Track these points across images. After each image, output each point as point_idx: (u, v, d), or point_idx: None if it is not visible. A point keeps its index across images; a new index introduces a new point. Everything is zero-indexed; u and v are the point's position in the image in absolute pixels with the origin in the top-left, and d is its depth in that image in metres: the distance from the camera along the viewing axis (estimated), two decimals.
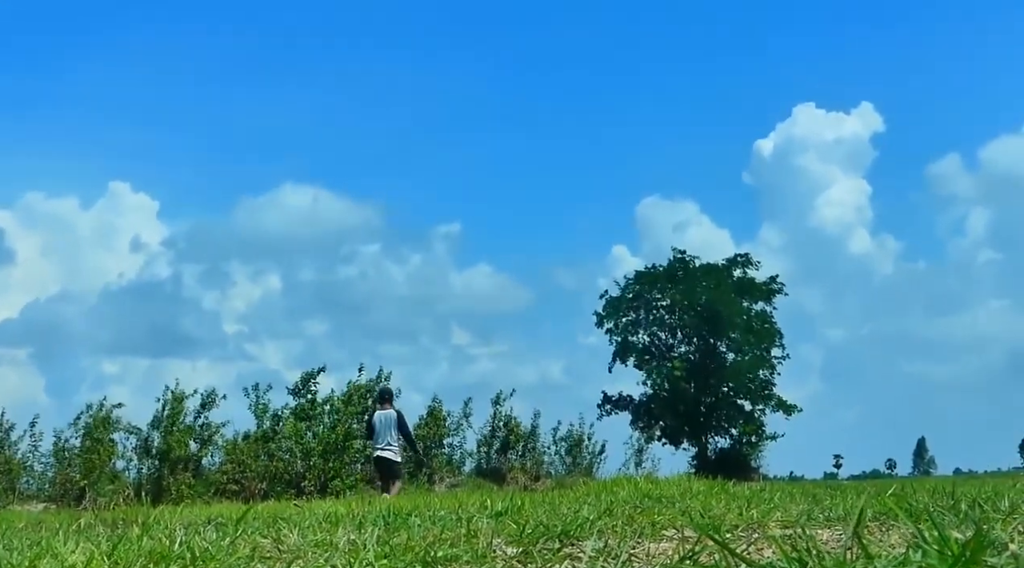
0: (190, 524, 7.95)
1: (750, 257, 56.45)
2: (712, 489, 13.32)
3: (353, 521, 6.90)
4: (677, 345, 55.94)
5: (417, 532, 5.64)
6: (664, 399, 53.68)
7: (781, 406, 53.28)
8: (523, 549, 4.85)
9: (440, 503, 11.07)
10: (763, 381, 53.77)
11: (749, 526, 5.67)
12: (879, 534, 4.80)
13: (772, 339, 54.40)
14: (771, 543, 4.30)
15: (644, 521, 6.09)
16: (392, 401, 22.36)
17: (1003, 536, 2.65)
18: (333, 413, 33.17)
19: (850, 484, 22.55)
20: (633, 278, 56.58)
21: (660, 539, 5.28)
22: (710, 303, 53.18)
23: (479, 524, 5.99)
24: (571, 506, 8.17)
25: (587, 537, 5.09)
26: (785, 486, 17.61)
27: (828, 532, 5.10)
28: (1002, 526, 3.19)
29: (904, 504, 5.53)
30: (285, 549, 5.28)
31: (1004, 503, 5.51)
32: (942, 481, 16.46)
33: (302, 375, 33.89)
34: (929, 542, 2.47)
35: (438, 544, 4.93)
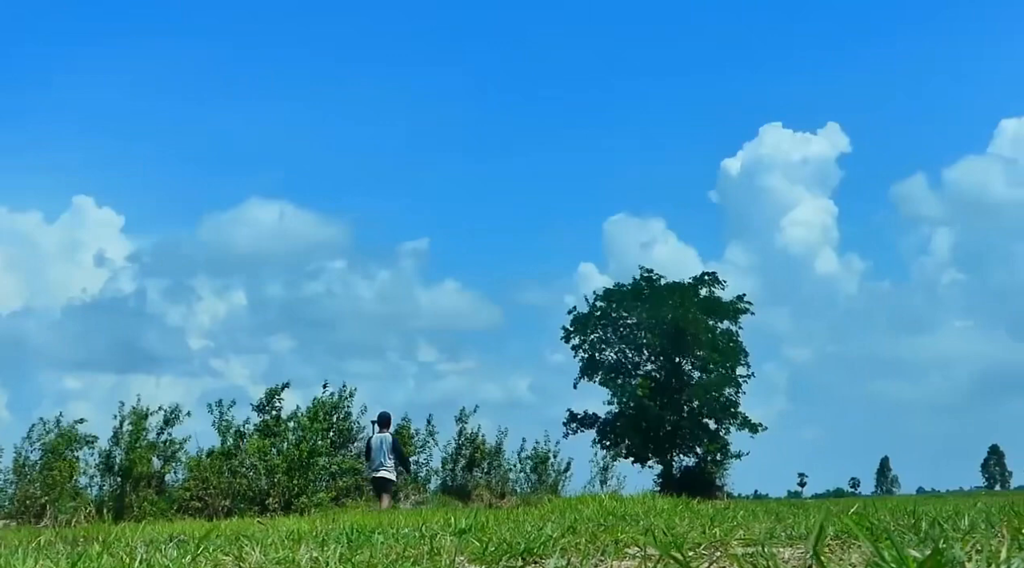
0: (152, 541, 7.89)
1: (716, 276, 56.65)
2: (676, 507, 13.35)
3: (316, 539, 6.87)
4: (643, 363, 56.02)
5: (380, 550, 5.63)
6: (629, 417, 53.69)
7: (746, 425, 53.40)
8: (486, 567, 4.85)
9: (404, 520, 11.04)
10: (728, 400, 53.88)
11: (712, 544, 5.68)
12: (840, 553, 4.83)
13: (737, 358, 54.54)
14: (733, 561, 4.32)
15: (607, 539, 6.09)
16: (390, 426, 23.73)
17: (961, 555, 2.67)
18: (298, 430, 32.97)
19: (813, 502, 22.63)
20: (600, 295, 56.65)
21: (623, 557, 5.28)
22: (676, 321, 53.27)
23: (442, 542, 5.98)
24: (535, 524, 8.16)
25: (550, 555, 5.10)
26: (749, 504, 17.69)
27: (790, 550, 5.12)
28: (960, 545, 3.22)
29: (865, 523, 5.57)
30: (247, 567, 5.25)
31: (964, 522, 5.55)
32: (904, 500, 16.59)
33: (267, 391, 33.69)
34: (887, 561, 2.49)
35: (401, 562, 4.93)
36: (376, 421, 23.93)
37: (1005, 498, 10.35)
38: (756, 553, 4.38)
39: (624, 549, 5.57)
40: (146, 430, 31.91)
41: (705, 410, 53.93)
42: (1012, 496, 12.43)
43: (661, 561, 4.12)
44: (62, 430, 31.47)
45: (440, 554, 5.26)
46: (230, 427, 32.62)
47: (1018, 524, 4.71)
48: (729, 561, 4.47)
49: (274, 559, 5.34)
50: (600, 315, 55.99)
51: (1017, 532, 4.12)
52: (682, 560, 3.25)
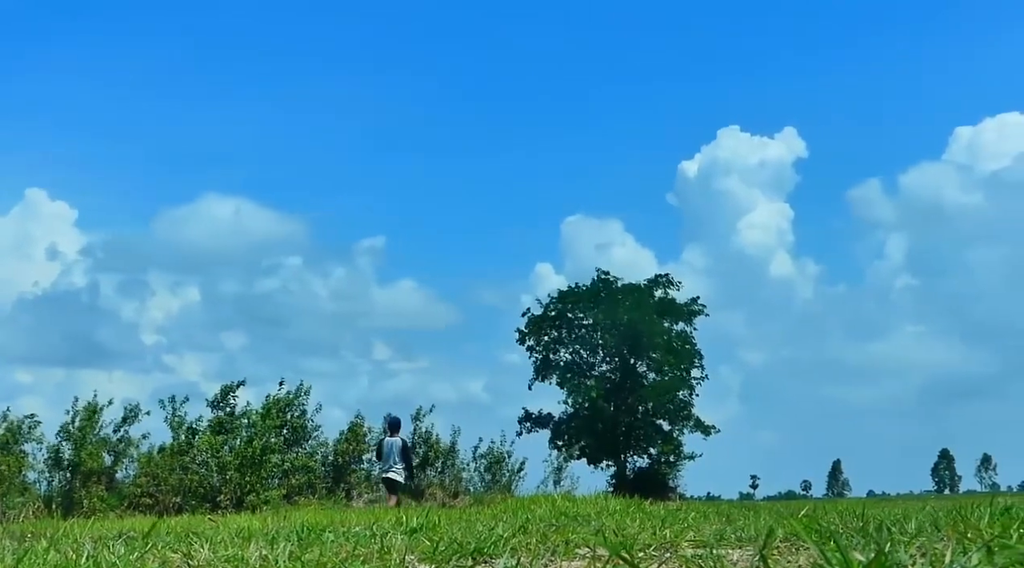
0: (100, 538, 7.83)
1: (671, 278, 56.86)
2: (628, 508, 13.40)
3: (266, 537, 6.83)
4: (598, 364, 56.12)
5: (330, 548, 5.60)
6: (584, 417, 53.77)
7: (699, 426, 53.62)
8: (436, 566, 4.84)
9: (356, 519, 11.00)
10: (682, 401, 54.07)
11: (662, 545, 5.70)
12: (788, 555, 4.85)
13: (692, 360, 54.76)
14: (682, 563, 4.34)
15: (558, 539, 6.09)
16: (399, 430, 24.76)
17: (905, 558, 2.69)
18: (251, 427, 32.79)
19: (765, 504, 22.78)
20: (556, 297, 56.69)
21: (573, 557, 5.29)
22: (631, 323, 53.40)
23: (393, 541, 5.96)
24: (487, 523, 8.15)
25: (500, 555, 5.10)
26: (701, 506, 17.76)
27: (739, 552, 5.14)
28: (905, 548, 3.24)
29: (813, 526, 5.60)
30: (195, 564, 5.21)
31: (911, 525, 5.59)
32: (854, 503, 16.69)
33: (221, 388, 33.52)
34: (832, 564, 2.51)
35: (350, 560, 4.91)
36: (387, 425, 25.20)
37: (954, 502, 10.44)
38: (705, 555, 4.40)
39: (574, 549, 5.57)
40: (99, 426, 31.64)
41: (659, 411, 54.10)
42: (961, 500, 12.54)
43: (610, 562, 4.13)
44: (10, 424, 31.14)
45: (390, 553, 5.24)
46: (182, 424, 32.40)
47: (963, 528, 4.75)
48: (678, 562, 4.49)
49: (223, 557, 5.30)
50: (555, 316, 56.03)
51: (962, 536, 4.15)
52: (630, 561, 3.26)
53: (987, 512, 5.87)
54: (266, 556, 5.15)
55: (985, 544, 2.53)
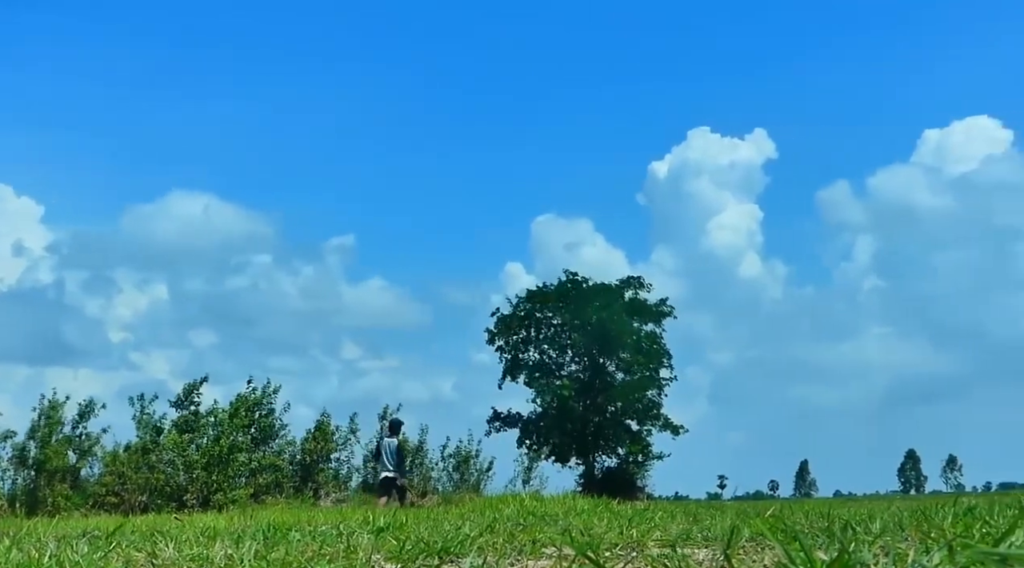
0: (64, 537, 7.77)
1: (642, 279, 56.90)
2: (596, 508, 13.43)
3: (232, 536, 6.80)
4: (567, 363, 56.09)
5: (296, 547, 5.58)
6: (553, 417, 53.74)
7: (668, 426, 53.67)
8: (402, 566, 4.83)
9: (323, 518, 10.98)
10: (651, 401, 54.11)
11: (628, 545, 5.71)
12: (754, 555, 4.87)
13: (661, 360, 54.81)
14: (648, 562, 4.35)
15: (525, 539, 6.10)
16: (398, 432, 25.55)
17: (868, 558, 2.70)
18: (217, 425, 32.63)
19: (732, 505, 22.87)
20: (524, 297, 56.68)
21: (539, 557, 5.29)
22: (601, 323, 53.42)
23: (359, 540, 5.95)
24: (454, 523, 8.15)
25: (467, 554, 5.09)
26: (668, 506, 17.81)
27: (705, 552, 5.16)
28: (869, 548, 3.26)
29: (779, 525, 5.63)
30: (160, 563, 5.19)
31: (876, 525, 5.63)
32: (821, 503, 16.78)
33: (185, 386, 33.31)
34: (796, 563, 2.52)
35: (316, 559, 4.89)
36: (388, 426, 25.92)
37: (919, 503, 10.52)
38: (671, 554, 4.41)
39: (541, 549, 5.58)
40: (61, 424, 31.40)
41: (628, 411, 54.15)
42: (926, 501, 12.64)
43: (576, 561, 4.13)
44: None
45: (356, 552, 5.23)
46: (149, 422, 32.21)
47: (927, 528, 4.78)
48: (644, 562, 4.50)
49: (188, 556, 5.27)
50: (524, 316, 56.02)
51: (926, 536, 4.18)
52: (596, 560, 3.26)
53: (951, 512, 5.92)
54: (231, 555, 5.13)
55: (947, 543, 2.55)
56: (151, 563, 5.21)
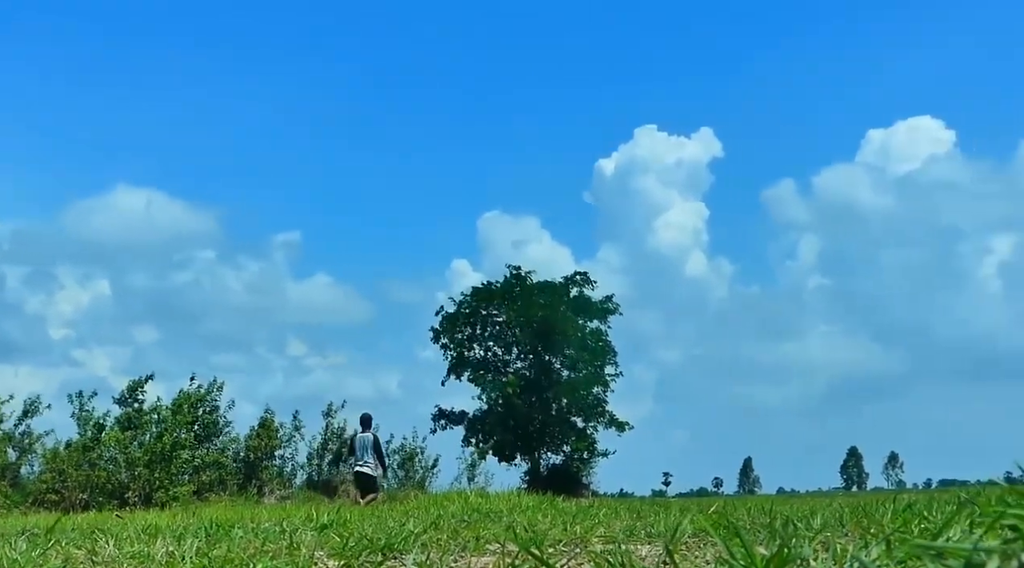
0: (2, 535, 7.68)
1: (587, 276, 57.01)
2: (541, 504, 13.47)
3: (174, 533, 6.75)
4: (513, 361, 56.16)
5: (238, 544, 5.55)
6: (498, 414, 53.78)
7: (613, 423, 53.86)
8: (345, 562, 4.82)
9: (267, 515, 10.92)
10: (596, 398, 54.28)
11: (572, 541, 5.73)
12: (697, 551, 4.91)
13: (606, 357, 55.00)
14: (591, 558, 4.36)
15: (469, 535, 6.11)
16: (371, 426, 25.55)
17: (808, 552, 2.73)
18: (160, 422, 32.34)
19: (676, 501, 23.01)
20: (470, 294, 56.64)
21: (483, 553, 5.30)
22: (546, 320, 53.52)
23: (303, 537, 5.92)
24: (399, 520, 8.14)
25: (410, 551, 5.08)
26: (613, 502, 17.90)
27: (648, 548, 5.18)
28: (809, 543, 3.29)
29: (722, 521, 5.67)
30: (100, 561, 5.13)
31: (817, 521, 5.69)
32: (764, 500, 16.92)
33: (129, 383, 32.96)
34: (737, 559, 2.53)
35: (259, 556, 4.87)
36: (360, 421, 25.85)
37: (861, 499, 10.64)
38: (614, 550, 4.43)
39: (485, 545, 5.58)
40: (1, 421, 31.01)
41: (573, 408, 54.29)
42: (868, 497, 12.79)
43: (520, 557, 4.14)
44: None
45: (299, 549, 5.21)
46: (90, 419, 31.85)
47: (867, 524, 4.84)
48: (587, 558, 4.51)
49: (128, 553, 5.22)
50: (469, 314, 55.99)
51: (865, 531, 4.23)
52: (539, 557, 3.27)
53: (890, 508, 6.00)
54: (173, 552, 5.09)
55: (885, 538, 2.58)
56: (91, 560, 5.16)
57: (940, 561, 1.87)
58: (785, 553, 2.47)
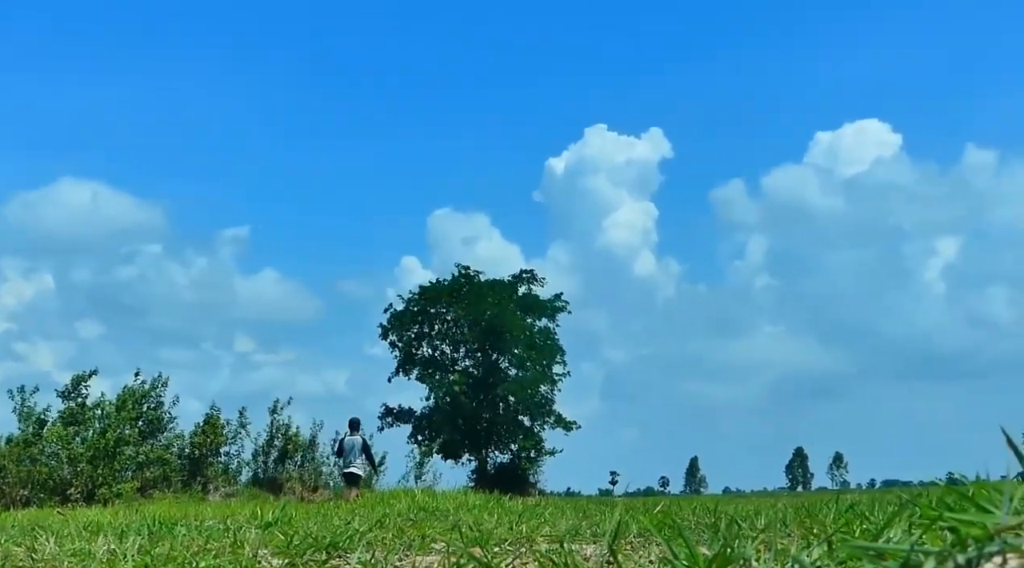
0: None
1: (535, 274, 57.14)
2: (488, 503, 13.44)
3: (116, 530, 6.69)
4: (461, 359, 56.18)
5: (181, 542, 5.51)
6: (445, 412, 53.77)
7: (560, 422, 53.98)
8: (289, 561, 4.79)
9: (211, 512, 10.85)
10: (544, 397, 54.39)
11: (517, 540, 5.73)
12: (642, 550, 4.92)
13: (554, 356, 55.11)
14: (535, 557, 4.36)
15: (415, 534, 6.10)
16: (359, 429, 27.18)
17: (751, 552, 2.74)
18: (104, 418, 32.03)
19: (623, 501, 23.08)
20: (418, 292, 56.56)
21: (428, 552, 5.29)
22: (494, 318, 53.56)
23: (247, 535, 5.89)
24: (344, 518, 8.11)
25: (355, 549, 5.06)
26: (559, 501, 17.93)
27: (593, 547, 5.19)
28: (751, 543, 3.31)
29: (667, 521, 5.69)
30: (39, 559, 5.08)
31: (760, 521, 5.72)
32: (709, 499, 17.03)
33: (73, 378, 32.64)
34: (680, 557, 2.55)
35: (202, 554, 4.83)
36: (348, 425, 27.21)
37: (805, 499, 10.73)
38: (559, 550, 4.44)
39: (430, 544, 5.58)
40: None
41: (520, 407, 54.35)
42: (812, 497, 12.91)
43: (464, 556, 4.13)
44: None
45: (243, 547, 5.18)
46: (32, 414, 31.48)
47: (810, 524, 4.88)
48: (532, 557, 4.52)
49: (69, 550, 5.17)
50: (418, 311, 55.92)
51: (808, 532, 4.27)
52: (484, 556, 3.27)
53: (833, 509, 6.05)
54: (114, 550, 5.04)
55: (827, 538, 2.60)
56: (31, 558, 5.10)
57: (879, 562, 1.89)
58: (727, 553, 2.49)
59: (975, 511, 1.80)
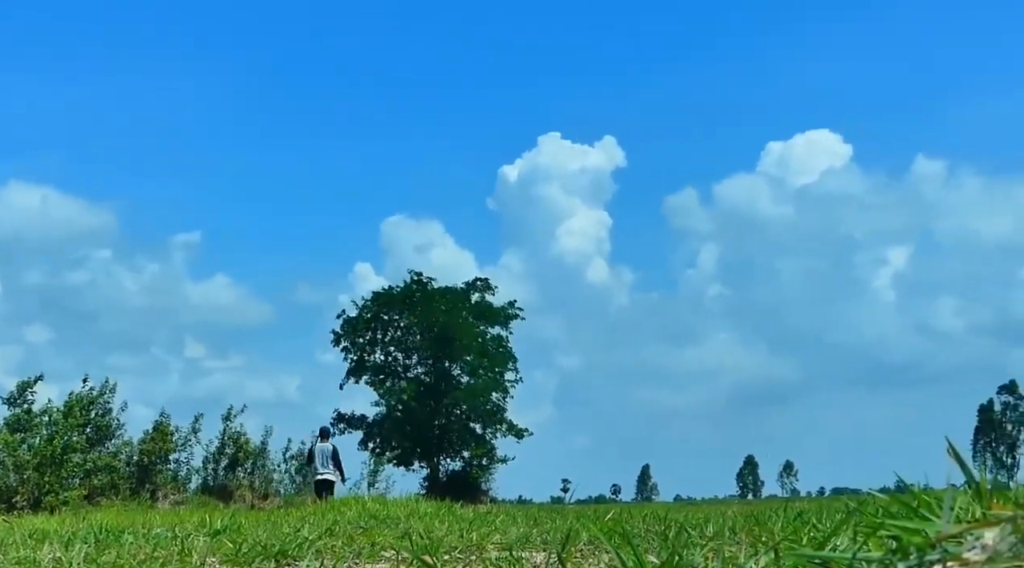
0: None
1: (488, 281, 57.25)
2: (439, 511, 13.44)
3: (62, 538, 6.62)
4: (413, 366, 56.13)
5: (128, 550, 5.46)
6: (396, 420, 53.71)
7: (512, 430, 54.07)
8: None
9: (160, 520, 10.76)
10: (495, 405, 54.47)
11: (468, 548, 5.73)
12: (591, 557, 4.94)
13: (506, 363, 55.21)
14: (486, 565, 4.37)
15: (364, 542, 6.08)
16: (329, 437, 28.40)
17: (699, 560, 2.76)
18: (51, 425, 31.68)
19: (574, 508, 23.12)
20: (370, 299, 56.48)
21: (378, 560, 5.28)
22: (446, 325, 53.58)
23: (195, 543, 5.85)
24: (294, 525, 8.07)
25: (304, 557, 5.05)
26: (511, 509, 17.94)
27: (542, 555, 5.20)
28: (700, 551, 3.33)
29: (616, 529, 5.71)
30: None
31: (709, 529, 5.76)
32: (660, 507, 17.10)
33: (18, 384, 32.24)
34: (628, 565, 2.56)
35: (149, 563, 4.80)
36: (318, 433, 28.27)
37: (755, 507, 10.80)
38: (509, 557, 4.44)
39: (380, 552, 5.57)
40: None
41: (472, 414, 54.39)
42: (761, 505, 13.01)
43: (414, 564, 4.13)
44: None
45: (191, 555, 5.14)
46: None
47: (758, 532, 4.91)
48: (482, 565, 4.52)
49: (14, 559, 5.11)
50: (370, 318, 55.84)
51: (756, 539, 4.30)
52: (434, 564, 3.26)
53: (781, 517, 6.09)
54: (60, 558, 5.00)
55: (773, 546, 2.62)
56: None
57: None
58: (675, 561, 2.50)
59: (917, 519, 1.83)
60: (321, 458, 26.88)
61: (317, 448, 27.36)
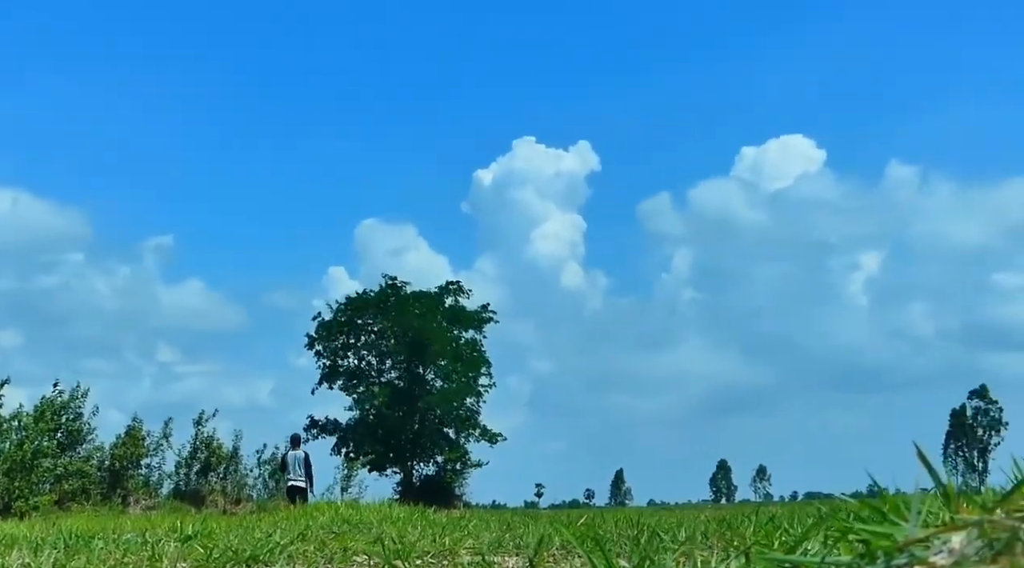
0: None
1: (462, 285, 57.23)
2: (412, 516, 13.42)
3: (31, 544, 6.57)
4: (387, 370, 56.03)
5: (98, 555, 5.42)
6: (370, 424, 53.60)
7: (485, 435, 54.03)
8: None
9: (131, 525, 10.70)
10: (469, 409, 54.43)
11: (440, 553, 5.72)
12: (564, 562, 4.94)
13: (479, 368, 55.19)
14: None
15: (337, 547, 6.06)
16: (301, 444, 28.68)
17: (671, 564, 2.77)
18: (21, 429, 31.43)
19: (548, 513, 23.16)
20: (345, 303, 56.35)
21: (350, 565, 5.27)
22: (420, 330, 53.50)
23: (165, 548, 5.81)
24: (266, 530, 8.04)
25: (276, 562, 5.03)
26: (484, 514, 17.92)
27: (515, 560, 5.20)
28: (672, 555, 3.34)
29: (589, 533, 5.71)
30: None
31: (681, 534, 5.76)
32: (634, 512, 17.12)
33: None
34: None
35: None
36: (290, 441, 28.88)
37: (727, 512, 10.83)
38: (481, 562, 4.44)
39: (353, 557, 5.55)
40: None
41: (446, 419, 54.33)
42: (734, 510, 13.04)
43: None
44: None
45: (161, 560, 5.11)
46: None
47: (730, 536, 4.93)
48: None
49: None
50: (345, 322, 55.71)
51: (728, 544, 4.31)
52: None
53: (753, 521, 6.11)
54: (29, 564, 4.96)
55: (744, 550, 2.63)
56: None
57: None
58: (647, 565, 2.51)
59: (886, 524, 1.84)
60: (293, 465, 27.30)
61: (289, 455, 27.84)
